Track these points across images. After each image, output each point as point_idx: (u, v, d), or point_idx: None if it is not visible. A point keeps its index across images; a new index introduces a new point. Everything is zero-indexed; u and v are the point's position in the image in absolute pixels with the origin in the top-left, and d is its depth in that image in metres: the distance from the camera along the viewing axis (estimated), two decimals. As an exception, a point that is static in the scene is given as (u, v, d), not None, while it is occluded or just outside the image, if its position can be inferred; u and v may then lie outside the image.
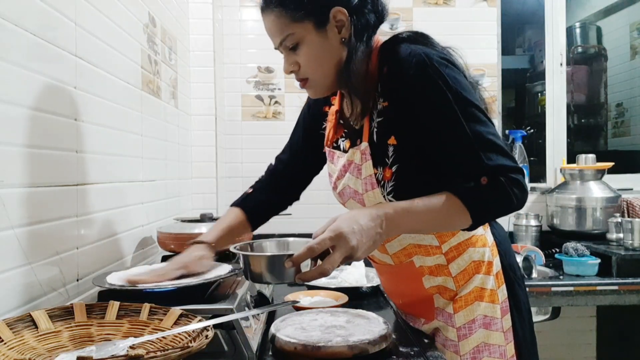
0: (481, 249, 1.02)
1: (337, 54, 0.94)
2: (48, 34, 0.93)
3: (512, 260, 1.07)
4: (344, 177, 1.05)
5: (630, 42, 3.16)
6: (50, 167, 0.94)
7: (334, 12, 0.91)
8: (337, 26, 0.93)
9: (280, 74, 2.39)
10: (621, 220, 2.01)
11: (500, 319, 1.01)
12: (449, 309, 1.02)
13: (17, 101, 0.84)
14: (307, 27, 0.92)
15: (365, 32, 0.94)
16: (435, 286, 1.03)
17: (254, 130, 2.38)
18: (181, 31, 1.96)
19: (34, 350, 0.69)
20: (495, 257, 1.03)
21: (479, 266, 1.01)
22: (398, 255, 1.04)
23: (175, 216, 1.72)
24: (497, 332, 1.00)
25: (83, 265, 1.07)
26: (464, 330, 1.01)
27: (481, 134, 0.86)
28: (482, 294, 1.01)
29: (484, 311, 1.00)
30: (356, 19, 0.93)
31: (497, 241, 1.05)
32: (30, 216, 0.87)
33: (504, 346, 1.00)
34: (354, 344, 0.86)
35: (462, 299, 1.01)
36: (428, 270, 1.03)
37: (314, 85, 1.00)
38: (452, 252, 1.01)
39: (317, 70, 0.96)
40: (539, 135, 2.69)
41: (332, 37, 0.93)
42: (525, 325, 1.04)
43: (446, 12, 2.43)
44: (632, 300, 1.83)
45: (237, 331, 0.84)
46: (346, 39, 0.93)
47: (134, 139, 1.41)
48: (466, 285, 1.01)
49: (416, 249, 1.02)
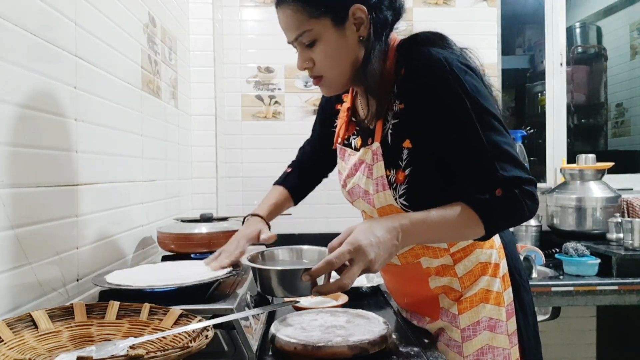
0: (488, 250, 1.01)
1: (354, 52, 0.93)
2: (48, 34, 0.93)
3: (517, 263, 1.06)
4: (355, 175, 1.04)
5: (630, 42, 3.16)
6: (50, 167, 0.94)
7: (354, 10, 0.90)
8: (355, 24, 0.91)
9: (280, 74, 2.39)
10: (621, 220, 2.01)
11: (506, 321, 1.00)
12: (453, 309, 1.01)
13: (17, 101, 0.84)
14: (325, 24, 0.91)
15: (383, 30, 0.93)
16: (441, 286, 1.03)
17: (254, 130, 2.38)
18: (181, 31, 1.96)
19: (34, 350, 0.69)
20: (502, 260, 1.02)
21: (485, 268, 1.01)
22: (405, 256, 1.04)
23: (175, 216, 1.72)
24: (501, 335, 0.99)
25: (83, 265, 1.07)
26: (468, 332, 1.00)
27: (497, 144, 0.86)
28: (488, 296, 1.00)
29: (489, 313, 1.00)
30: (375, 16, 0.92)
31: (504, 243, 1.04)
32: (30, 216, 0.87)
33: (509, 349, 0.99)
34: (354, 344, 0.86)
35: (468, 300, 1.00)
36: (434, 270, 1.02)
37: (328, 84, 0.98)
38: (459, 253, 1.01)
39: (333, 68, 0.95)
40: (539, 135, 2.69)
41: (350, 35, 0.92)
42: (530, 328, 1.03)
43: (446, 12, 2.43)
44: (632, 300, 1.83)
45: (237, 331, 0.84)
46: (364, 37, 0.92)
47: (134, 139, 1.41)
48: (472, 287, 1.01)
49: (424, 251, 1.02)
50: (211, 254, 1.10)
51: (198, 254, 1.30)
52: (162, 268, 1.09)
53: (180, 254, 1.31)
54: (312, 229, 2.34)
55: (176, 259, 1.25)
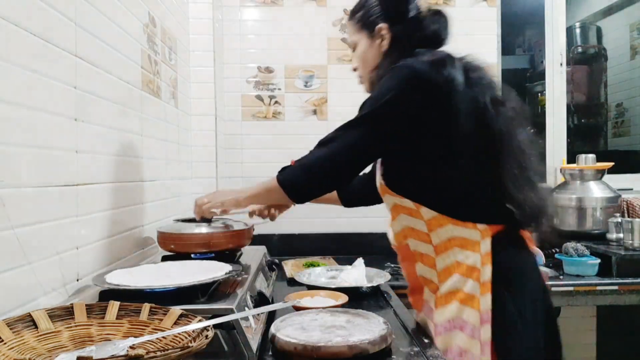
0: (470, 252, 1.03)
1: (377, 61, 1.19)
2: (48, 34, 0.93)
3: (512, 276, 1.03)
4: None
5: (630, 42, 3.16)
6: (50, 167, 0.94)
7: (378, 28, 1.18)
8: (380, 38, 1.18)
9: (280, 74, 2.39)
10: (621, 220, 2.01)
11: (479, 327, 0.99)
12: (431, 303, 1.10)
13: (17, 101, 0.84)
14: (362, 36, 1.21)
15: (400, 48, 1.15)
16: (424, 277, 1.13)
17: (254, 130, 2.38)
18: (181, 31, 1.96)
19: (34, 350, 0.69)
20: (485, 266, 1.01)
21: (459, 266, 1.04)
22: (398, 236, 1.18)
23: (175, 216, 1.72)
24: (472, 339, 0.99)
25: (83, 265, 1.07)
26: (439, 328, 1.05)
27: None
28: (459, 294, 1.03)
29: (459, 313, 1.02)
30: (397, 36, 1.16)
31: (499, 256, 1.02)
32: (30, 216, 0.87)
33: (478, 356, 0.98)
34: (354, 344, 0.86)
35: (443, 297, 1.06)
36: (420, 257, 1.13)
37: (362, 80, 1.25)
38: (441, 246, 1.07)
39: (364, 69, 1.23)
40: (539, 135, 2.69)
41: (375, 47, 1.19)
42: (521, 341, 1.00)
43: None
44: (632, 300, 1.83)
45: (237, 331, 0.84)
46: (385, 50, 1.18)
47: (134, 139, 1.41)
48: (445, 283, 1.06)
49: (410, 232, 1.13)
50: (211, 254, 1.15)
51: (198, 254, 1.29)
52: (162, 268, 1.09)
53: (180, 254, 1.31)
54: (312, 228, 2.34)
55: (176, 259, 1.25)
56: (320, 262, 1.99)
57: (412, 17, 1.15)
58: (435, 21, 1.17)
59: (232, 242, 1.32)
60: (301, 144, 1.65)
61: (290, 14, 2.38)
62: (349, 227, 2.35)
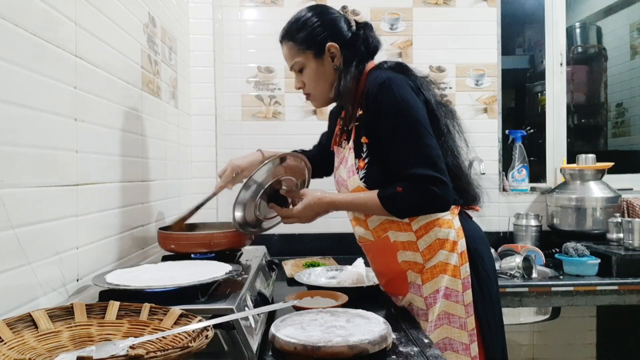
0: (446, 229, 1.20)
1: (331, 77, 1.26)
2: (48, 34, 0.93)
3: (483, 251, 1.24)
4: (339, 168, 1.32)
5: (630, 42, 3.16)
6: (50, 167, 0.94)
7: (328, 46, 1.24)
8: (330, 56, 1.25)
9: (280, 74, 2.39)
10: (621, 220, 2.01)
11: (462, 292, 1.17)
12: (418, 281, 1.22)
13: (17, 101, 0.84)
14: (308, 56, 1.25)
15: (353, 61, 1.24)
16: (407, 261, 1.22)
17: (254, 130, 2.38)
18: (181, 31, 1.97)
19: (34, 350, 0.69)
20: (460, 239, 1.20)
21: (443, 243, 1.19)
22: (377, 230, 1.25)
23: (175, 216, 1.72)
24: (457, 304, 1.16)
25: (83, 265, 1.07)
26: (430, 300, 1.19)
27: (417, 146, 1.13)
28: (446, 267, 1.18)
29: (447, 283, 1.17)
30: (346, 51, 1.24)
31: (464, 228, 1.22)
32: (30, 216, 0.87)
33: (465, 318, 1.16)
34: (354, 344, 0.86)
35: (429, 271, 1.20)
36: (401, 245, 1.22)
37: (314, 99, 1.32)
38: (421, 230, 1.20)
39: (316, 88, 1.29)
40: (539, 135, 2.69)
41: (327, 65, 1.26)
42: (487, 304, 1.19)
43: (446, 12, 2.43)
44: (632, 300, 1.83)
45: (237, 331, 0.84)
46: (337, 66, 1.25)
47: (134, 139, 1.41)
48: (432, 259, 1.20)
49: (390, 225, 1.23)
50: (211, 254, 1.19)
51: (198, 254, 1.30)
52: (162, 268, 1.09)
53: (180, 254, 1.31)
54: (312, 229, 2.34)
55: (176, 259, 1.25)
56: (320, 262, 1.99)
57: (354, 32, 1.26)
58: (371, 32, 1.28)
59: (232, 242, 1.32)
60: (301, 144, 1.66)
61: (290, 14, 2.37)
62: (349, 227, 2.34)
